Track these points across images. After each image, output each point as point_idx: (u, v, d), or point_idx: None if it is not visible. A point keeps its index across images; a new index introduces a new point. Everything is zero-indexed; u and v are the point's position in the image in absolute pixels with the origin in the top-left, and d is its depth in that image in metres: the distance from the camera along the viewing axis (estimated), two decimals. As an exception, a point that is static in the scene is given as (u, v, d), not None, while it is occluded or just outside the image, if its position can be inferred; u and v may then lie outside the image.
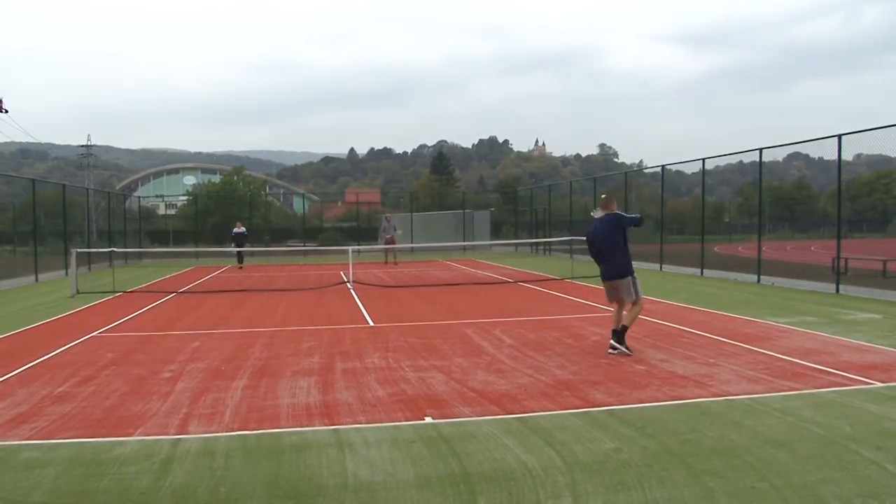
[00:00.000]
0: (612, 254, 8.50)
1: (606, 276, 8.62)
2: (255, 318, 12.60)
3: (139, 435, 5.68)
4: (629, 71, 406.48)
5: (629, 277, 8.51)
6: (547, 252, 33.74)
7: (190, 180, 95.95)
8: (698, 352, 8.70)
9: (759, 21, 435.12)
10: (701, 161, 20.85)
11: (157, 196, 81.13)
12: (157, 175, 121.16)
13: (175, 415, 6.25)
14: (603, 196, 9.09)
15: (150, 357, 8.95)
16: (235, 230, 27.68)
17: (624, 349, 8.49)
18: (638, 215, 8.81)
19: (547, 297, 15.19)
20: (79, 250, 18.73)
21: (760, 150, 17.77)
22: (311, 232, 47.01)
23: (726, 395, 6.64)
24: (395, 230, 27.50)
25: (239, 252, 27.24)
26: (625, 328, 8.54)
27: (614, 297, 8.67)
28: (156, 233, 49.56)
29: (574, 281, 18.65)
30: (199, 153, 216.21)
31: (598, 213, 8.77)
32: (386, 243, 27.11)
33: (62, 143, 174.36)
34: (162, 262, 31.89)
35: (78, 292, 16.78)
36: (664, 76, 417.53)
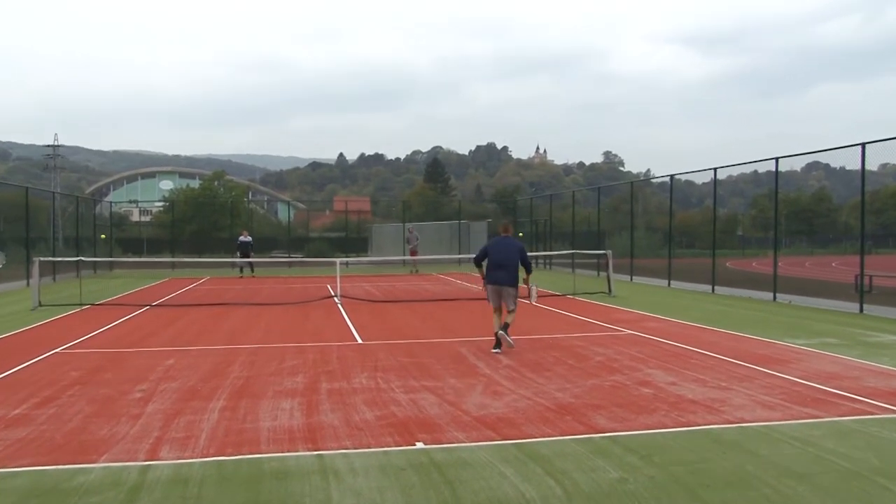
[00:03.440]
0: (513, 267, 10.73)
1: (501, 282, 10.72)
2: (235, 333, 12.55)
3: (104, 461, 5.60)
4: (634, 74, 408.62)
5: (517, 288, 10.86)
6: (548, 266, 33.71)
7: (167, 185, 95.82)
8: (709, 374, 8.68)
9: (772, 22, 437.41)
10: (712, 171, 20.92)
11: (130, 201, 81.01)
12: (131, 179, 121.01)
13: (145, 439, 6.19)
14: (505, 222, 11.80)
15: (119, 376, 8.89)
16: (241, 238, 28.80)
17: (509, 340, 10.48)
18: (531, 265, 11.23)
19: (547, 314, 15.17)
20: (42, 259, 18.61)
21: (776, 158, 17.84)
22: (296, 242, 46.95)
23: (740, 421, 6.62)
24: (417, 240, 30.57)
25: (249, 262, 28.38)
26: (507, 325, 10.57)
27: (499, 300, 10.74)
28: (128, 241, 49.41)
29: (577, 297, 18.65)
30: (178, 156, 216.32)
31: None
32: (411, 253, 29.77)
33: (26, 142, 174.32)
34: (135, 272, 31.75)
35: (40, 305, 16.68)
36: (671, 80, 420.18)
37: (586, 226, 33.66)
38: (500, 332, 10.50)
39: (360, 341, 11.63)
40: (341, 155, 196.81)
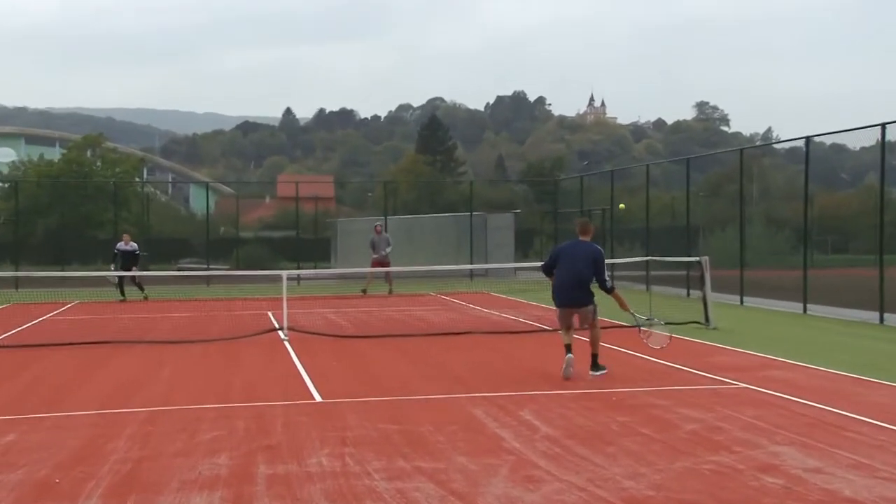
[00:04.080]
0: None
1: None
2: (120, 390, 12.53)
3: None
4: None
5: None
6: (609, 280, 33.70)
7: (5, 155, 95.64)
8: (879, 457, 8.58)
9: None
10: (879, 127, 20.72)
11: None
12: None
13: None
14: (582, 221, 13.93)
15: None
16: (122, 246, 29.14)
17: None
18: (609, 283, 13.49)
19: (609, 355, 15.01)
20: None
21: None
22: (219, 246, 46.92)
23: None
24: (388, 248, 30.69)
25: (132, 277, 28.62)
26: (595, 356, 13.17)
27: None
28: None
29: (656, 330, 18.56)
30: (23, 109, 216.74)
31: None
32: (375, 264, 29.79)
33: None
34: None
35: None
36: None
37: (669, 218, 33.57)
38: (591, 373, 12.96)
39: (318, 399, 11.70)
40: (288, 111, 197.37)
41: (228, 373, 13.94)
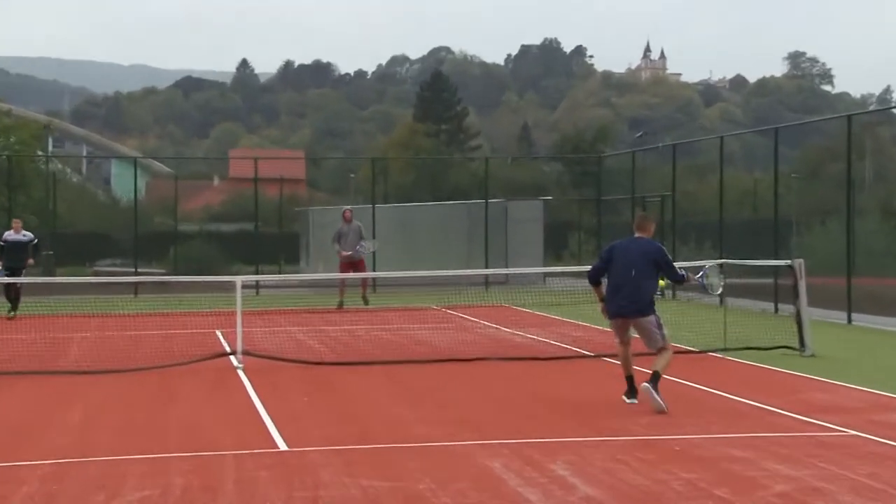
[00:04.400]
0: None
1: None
2: (14, 437, 12.56)
3: None
4: None
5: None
6: (667, 292, 33.49)
7: None
8: None
9: None
10: None
11: None
12: None
13: None
14: (643, 216, 15.05)
15: None
16: (11, 236, 29.14)
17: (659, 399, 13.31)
18: (683, 273, 14.52)
19: (669, 388, 14.90)
20: None
21: None
22: (151, 242, 46.89)
23: None
24: (363, 242, 30.71)
25: (11, 285, 28.18)
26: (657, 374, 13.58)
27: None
28: None
29: (730, 357, 18.68)
30: None
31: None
32: (344, 268, 30.15)
33: None
34: None
35: None
36: None
37: (750, 208, 33.50)
38: (646, 385, 13.26)
39: (282, 447, 11.71)
40: (244, 64, 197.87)
41: (162, 412, 13.95)
